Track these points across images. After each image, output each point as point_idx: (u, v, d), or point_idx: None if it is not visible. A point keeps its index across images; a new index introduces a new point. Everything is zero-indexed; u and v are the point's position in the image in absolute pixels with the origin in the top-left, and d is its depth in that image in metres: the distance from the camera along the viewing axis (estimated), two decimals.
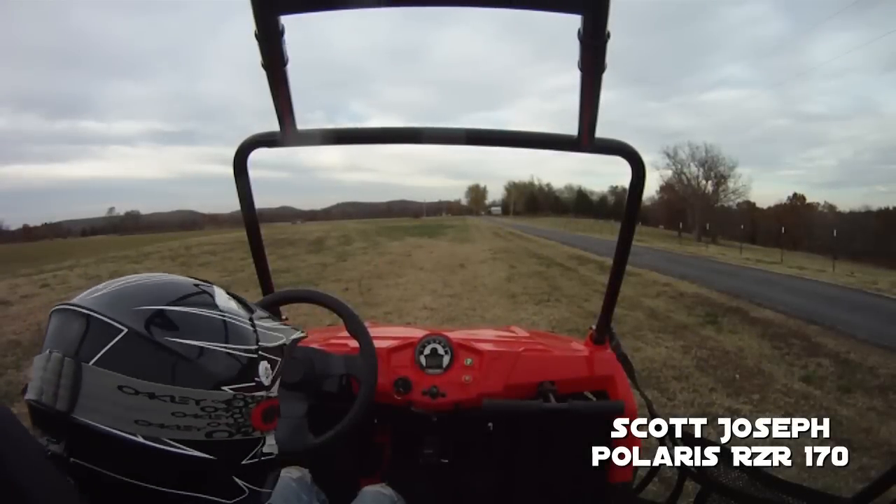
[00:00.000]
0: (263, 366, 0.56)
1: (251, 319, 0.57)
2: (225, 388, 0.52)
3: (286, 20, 0.72)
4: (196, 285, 0.56)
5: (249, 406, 0.53)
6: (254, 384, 0.54)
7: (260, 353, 0.55)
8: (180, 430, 0.49)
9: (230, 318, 0.55)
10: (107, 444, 0.47)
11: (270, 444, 0.58)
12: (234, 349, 0.53)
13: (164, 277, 0.56)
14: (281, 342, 0.59)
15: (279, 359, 0.59)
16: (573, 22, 0.68)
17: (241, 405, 0.53)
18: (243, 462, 0.54)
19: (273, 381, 0.57)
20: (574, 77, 0.79)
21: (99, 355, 0.48)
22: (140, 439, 0.47)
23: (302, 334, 0.65)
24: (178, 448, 0.49)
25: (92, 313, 0.49)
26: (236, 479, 0.54)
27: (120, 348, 0.48)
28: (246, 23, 0.69)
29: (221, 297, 0.57)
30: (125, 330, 0.48)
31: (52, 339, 0.50)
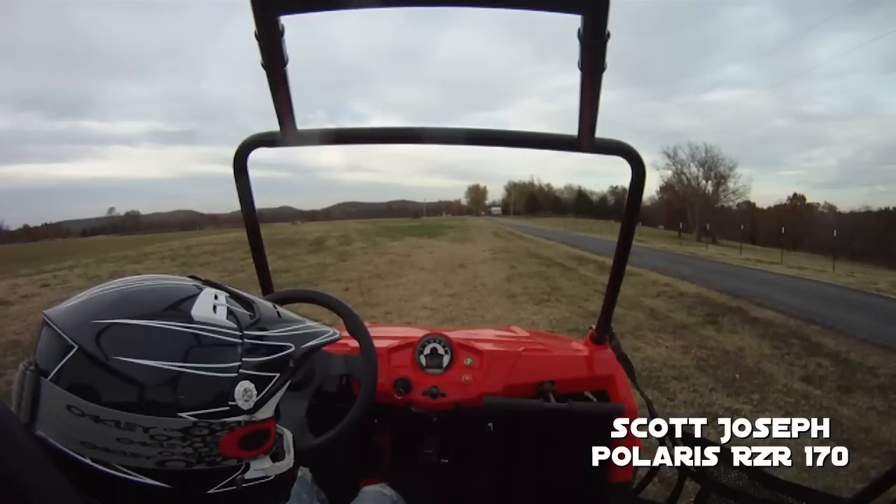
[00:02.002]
0: (243, 387, 0.49)
1: (241, 331, 0.51)
2: (183, 414, 0.46)
3: (287, 20, 0.72)
4: (182, 289, 0.52)
5: (217, 434, 0.48)
6: (227, 408, 0.48)
7: (241, 371, 0.49)
8: (127, 457, 0.45)
9: (204, 332, 0.49)
10: (61, 460, 0.45)
11: (260, 469, 0.53)
12: (199, 370, 0.47)
13: (144, 284, 0.52)
14: (283, 353, 0.53)
15: (276, 374, 0.53)
16: (575, 22, 0.68)
17: (205, 433, 0.47)
18: (210, 492, 0.50)
19: (260, 404, 0.51)
20: (575, 77, 0.79)
21: (54, 372, 0.46)
22: (88, 461, 0.45)
23: (325, 340, 0.59)
24: (128, 474, 0.46)
25: (53, 326, 0.47)
26: None
27: (71, 366, 0.46)
28: (247, 23, 0.69)
29: (203, 304, 0.51)
30: (76, 347, 0.46)
31: (36, 347, 0.49)
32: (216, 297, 0.53)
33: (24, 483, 0.40)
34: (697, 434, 1.15)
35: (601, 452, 1.24)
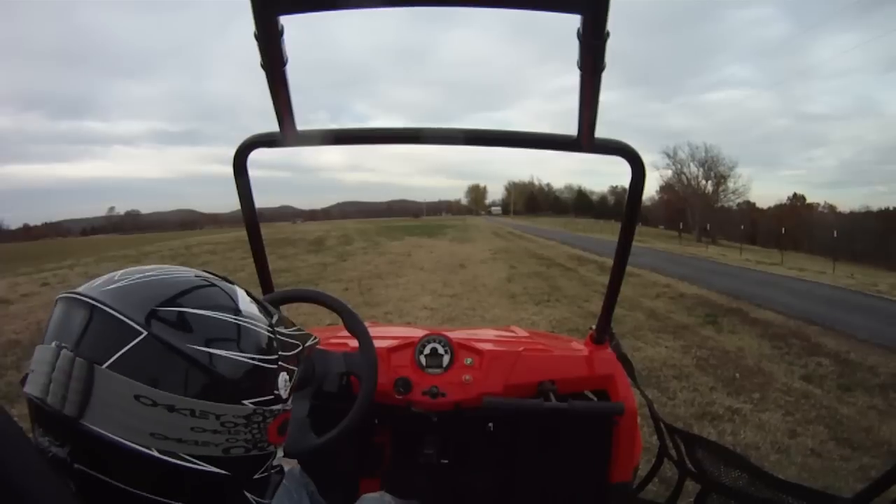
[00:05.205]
0: (283, 377, 0.52)
1: (271, 326, 0.54)
2: (246, 402, 0.48)
3: (289, 20, 0.72)
4: (218, 283, 0.53)
5: (267, 420, 0.50)
6: (272, 397, 0.51)
7: (280, 363, 0.52)
8: (198, 446, 0.46)
9: (253, 325, 0.51)
10: (117, 454, 0.43)
11: (279, 457, 0.56)
12: (256, 360, 0.49)
13: (185, 274, 0.52)
14: (298, 350, 0.56)
15: (295, 368, 0.56)
16: (576, 22, 0.68)
17: (260, 420, 0.50)
18: (255, 477, 0.52)
19: (290, 393, 0.54)
20: (576, 77, 0.79)
21: (114, 358, 0.43)
22: (154, 453, 0.44)
23: (315, 340, 0.62)
24: (194, 463, 0.46)
25: (108, 309, 0.44)
26: (247, 494, 0.52)
27: (138, 353, 0.44)
28: (249, 23, 0.68)
29: (244, 300, 0.53)
30: (144, 333, 0.44)
31: (58, 331, 0.45)
32: (247, 294, 0.55)
33: (24, 487, 0.39)
34: (697, 433, 1.15)
35: (601, 452, 1.25)
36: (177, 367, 0.45)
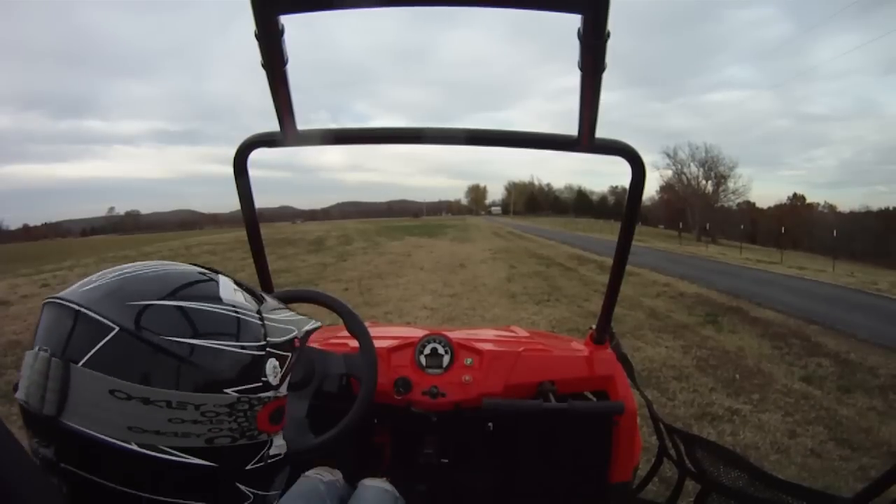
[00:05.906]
0: (271, 364, 0.52)
1: (259, 312, 0.53)
2: (228, 390, 0.48)
3: (290, 20, 0.72)
4: (200, 274, 0.53)
5: (255, 408, 0.50)
6: (260, 384, 0.50)
7: (268, 349, 0.52)
8: (178, 437, 0.45)
9: (235, 311, 0.50)
10: (98, 450, 0.44)
11: (278, 445, 0.55)
12: (238, 347, 0.49)
13: (163, 267, 0.52)
14: (292, 335, 0.56)
15: (289, 354, 0.55)
16: (576, 22, 0.68)
17: (246, 408, 0.49)
18: (248, 467, 0.51)
19: (282, 380, 0.54)
20: (577, 78, 0.78)
21: (88, 356, 0.44)
22: (134, 447, 0.44)
23: (316, 325, 0.62)
24: (176, 456, 0.45)
25: (81, 309, 0.45)
26: (240, 486, 0.51)
27: (111, 349, 0.44)
28: (250, 22, 0.68)
29: (226, 287, 0.52)
30: (116, 329, 0.44)
31: (41, 335, 0.47)
32: (233, 282, 0.55)
33: (11, 485, 0.38)
34: (697, 434, 1.15)
35: (601, 452, 1.25)
36: (149, 359, 0.45)
